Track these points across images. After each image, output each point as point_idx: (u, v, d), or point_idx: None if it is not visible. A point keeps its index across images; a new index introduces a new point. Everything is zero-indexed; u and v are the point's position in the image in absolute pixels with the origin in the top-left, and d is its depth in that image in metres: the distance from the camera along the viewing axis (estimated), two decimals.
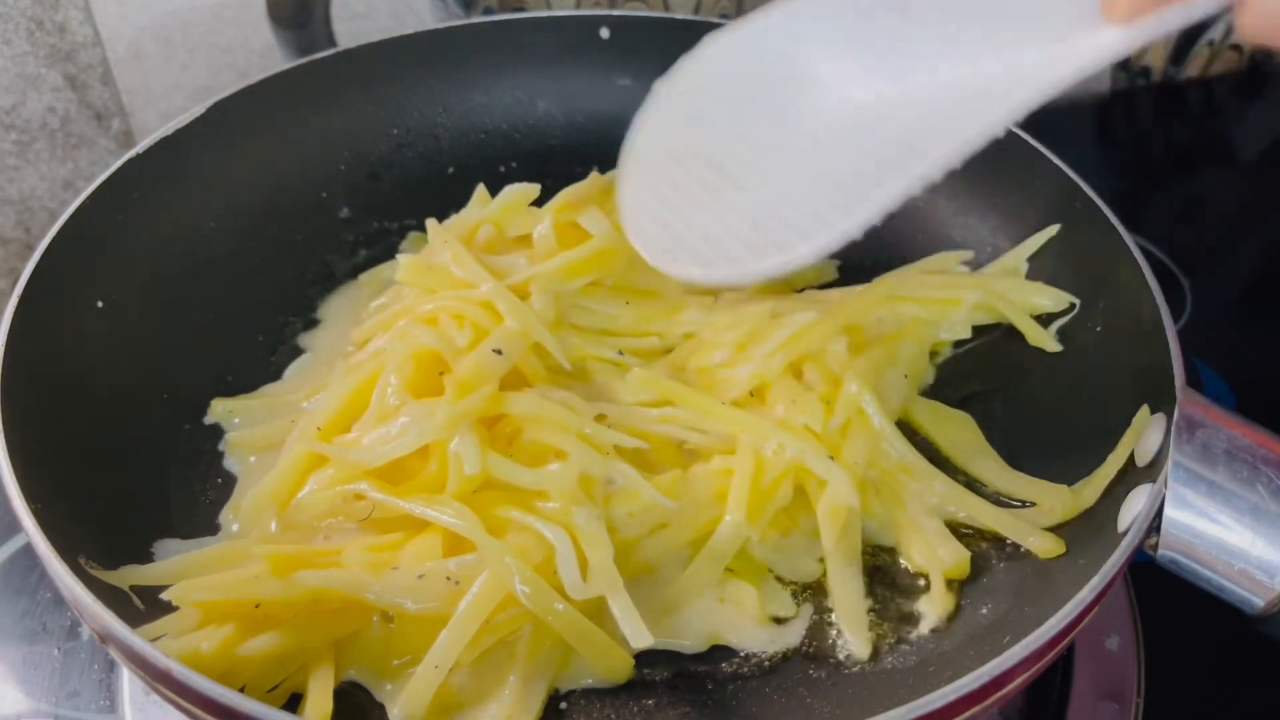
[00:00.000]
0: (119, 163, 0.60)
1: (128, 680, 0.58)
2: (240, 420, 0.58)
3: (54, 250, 0.55)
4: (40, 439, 0.49)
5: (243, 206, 0.65)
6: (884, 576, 0.53)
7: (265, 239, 0.66)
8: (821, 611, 0.51)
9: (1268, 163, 0.98)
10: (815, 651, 0.50)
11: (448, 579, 0.48)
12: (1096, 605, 0.43)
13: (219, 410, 0.58)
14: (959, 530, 0.53)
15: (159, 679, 0.41)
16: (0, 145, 0.77)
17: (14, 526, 0.53)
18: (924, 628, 0.50)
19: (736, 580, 0.52)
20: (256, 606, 0.47)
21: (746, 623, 0.51)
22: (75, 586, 0.42)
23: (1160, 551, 0.45)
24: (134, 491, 0.53)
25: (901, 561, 0.53)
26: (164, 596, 0.46)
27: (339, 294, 0.66)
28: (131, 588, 0.47)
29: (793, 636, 0.50)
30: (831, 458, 0.53)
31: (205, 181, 0.64)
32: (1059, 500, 0.52)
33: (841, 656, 0.50)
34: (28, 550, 0.63)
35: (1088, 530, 0.49)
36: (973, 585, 0.51)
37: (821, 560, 0.53)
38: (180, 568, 0.49)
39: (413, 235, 0.69)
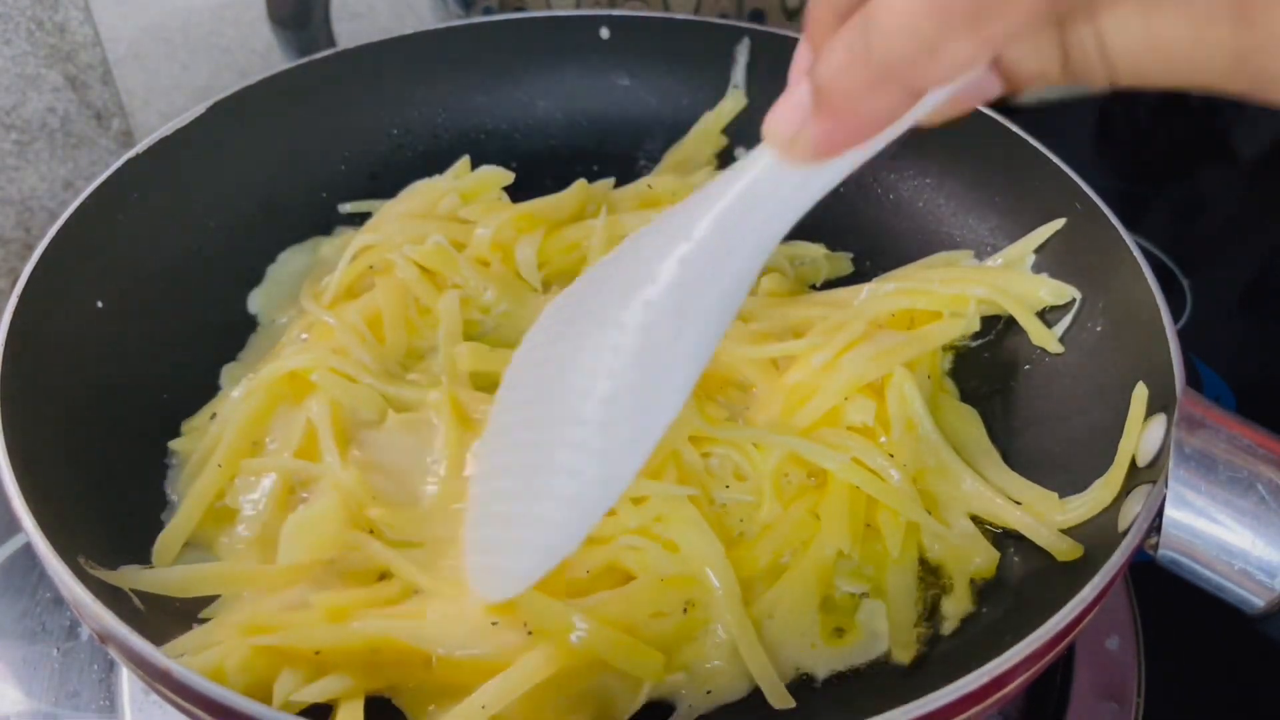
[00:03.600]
0: (119, 163, 0.60)
1: (127, 680, 0.58)
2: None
3: (54, 250, 0.55)
4: (40, 439, 0.49)
5: (243, 206, 0.65)
6: None
7: (265, 239, 0.66)
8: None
9: (1268, 163, 0.98)
10: None
11: (524, 625, 0.46)
12: (1097, 605, 0.43)
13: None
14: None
15: (159, 679, 0.41)
16: (0, 145, 0.77)
17: (14, 526, 0.53)
18: (945, 629, 0.50)
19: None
20: (316, 654, 0.45)
21: (817, 643, 0.50)
22: (75, 586, 0.42)
23: (1160, 551, 0.44)
24: (134, 492, 0.53)
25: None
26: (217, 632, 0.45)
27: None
28: (133, 589, 0.47)
29: (879, 644, 0.50)
30: (892, 457, 0.53)
31: (205, 181, 0.64)
32: (1046, 506, 0.51)
33: None
34: (28, 550, 0.62)
35: (1088, 530, 0.49)
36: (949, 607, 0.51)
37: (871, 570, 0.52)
38: (187, 578, 0.49)
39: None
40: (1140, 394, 0.50)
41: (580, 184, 0.67)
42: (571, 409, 0.40)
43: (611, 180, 0.70)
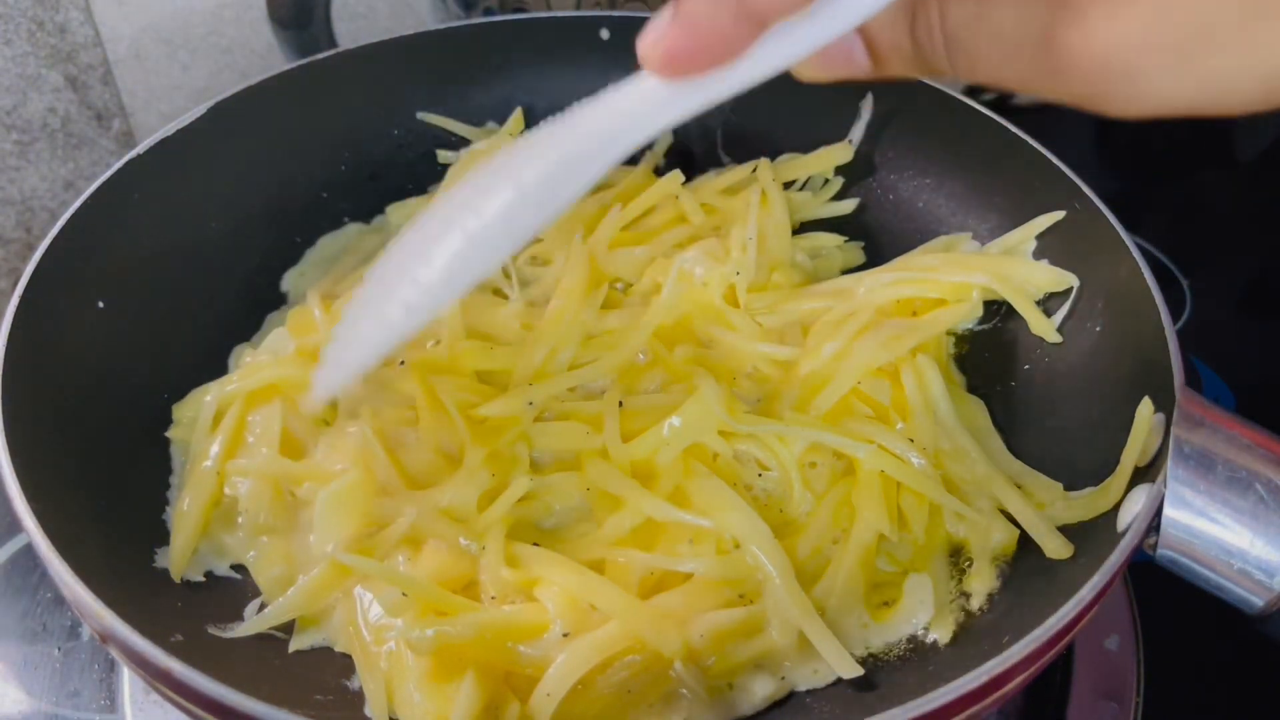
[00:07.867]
0: (119, 163, 0.60)
1: (128, 680, 0.58)
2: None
3: (55, 250, 0.55)
4: (40, 439, 0.49)
5: (243, 207, 0.65)
6: None
7: (266, 239, 0.66)
8: None
9: (1268, 163, 0.98)
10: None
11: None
12: (1096, 605, 0.43)
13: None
14: None
15: (159, 679, 0.41)
16: (1, 146, 0.77)
17: (14, 526, 0.53)
18: (973, 605, 0.50)
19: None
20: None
21: (868, 623, 0.51)
22: (76, 586, 0.42)
23: (1159, 551, 0.45)
24: (136, 491, 0.53)
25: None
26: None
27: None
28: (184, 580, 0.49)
29: (924, 613, 0.50)
30: (912, 441, 0.53)
31: (205, 181, 0.64)
32: (1049, 495, 0.52)
33: None
34: (28, 550, 0.63)
35: (1087, 530, 0.49)
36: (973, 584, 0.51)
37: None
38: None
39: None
40: (1145, 409, 0.50)
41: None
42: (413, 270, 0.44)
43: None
